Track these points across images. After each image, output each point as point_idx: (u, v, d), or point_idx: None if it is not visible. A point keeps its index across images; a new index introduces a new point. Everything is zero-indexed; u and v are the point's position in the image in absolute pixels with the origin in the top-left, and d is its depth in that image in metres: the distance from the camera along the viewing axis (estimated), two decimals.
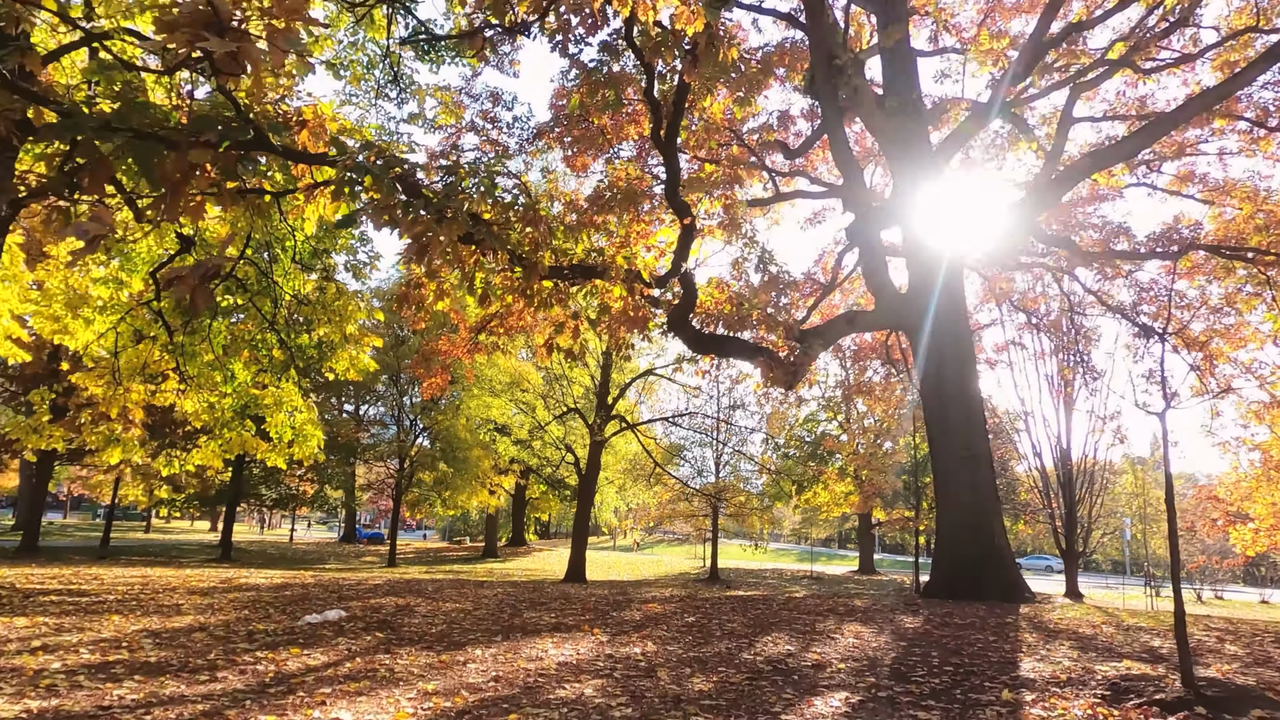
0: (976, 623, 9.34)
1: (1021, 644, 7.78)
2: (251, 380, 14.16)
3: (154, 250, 13.76)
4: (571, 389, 25.12)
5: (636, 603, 11.50)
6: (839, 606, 10.73)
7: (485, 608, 10.14)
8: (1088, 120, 14.68)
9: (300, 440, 14.17)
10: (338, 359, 14.82)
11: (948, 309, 14.11)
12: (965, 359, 13.96)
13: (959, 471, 13.51)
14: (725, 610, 10.21)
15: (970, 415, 13.69)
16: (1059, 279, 17.37)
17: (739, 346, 11.37)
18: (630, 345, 11.41)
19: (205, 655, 5.99)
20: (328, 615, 8.38)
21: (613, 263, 7.56)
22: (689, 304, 10.25)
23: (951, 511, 13.50)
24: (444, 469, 30.11)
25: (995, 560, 12.98)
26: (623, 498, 36.62)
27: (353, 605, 9.80)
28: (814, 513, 53.09)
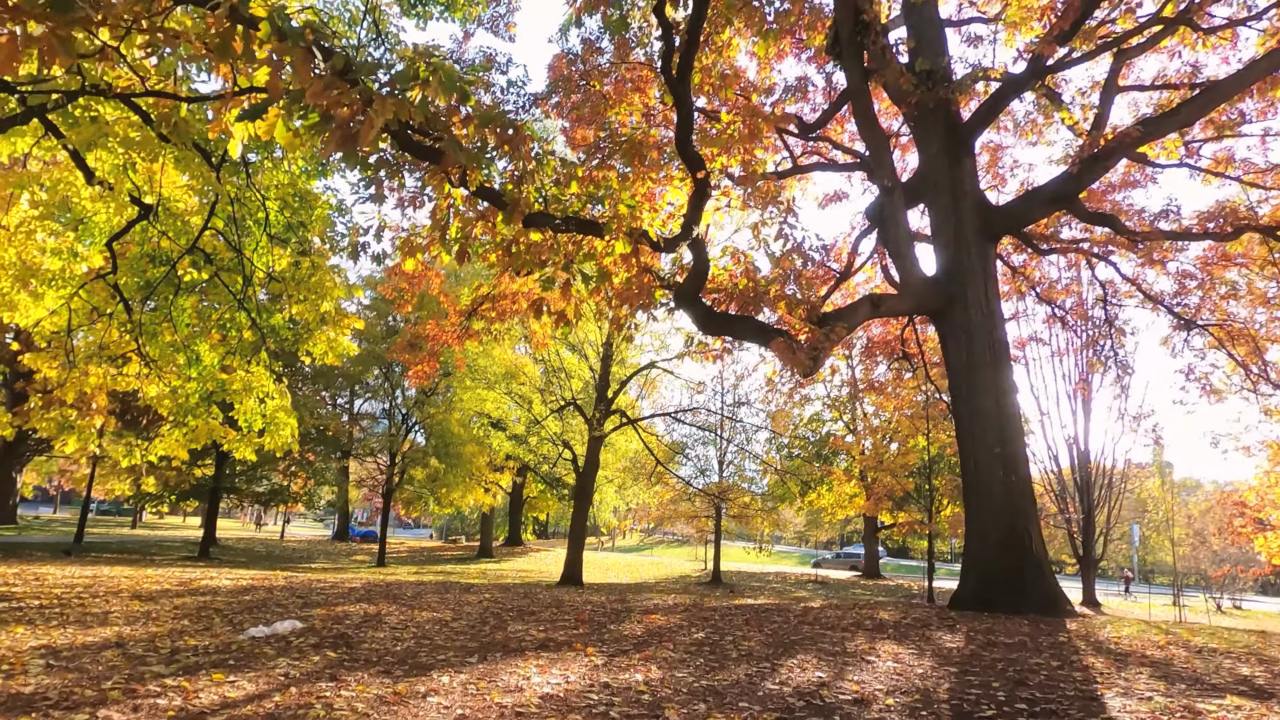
0: (1026, 642, 8.16)
1: (1092, 672, 6.59)
2: (219, 364, 12.98)
3: (113, 220, 12.61)
4: (570, 382, 23.93)
5: (637, 612, 10.31)
6: (865, 620, 9.53)
7: (466, 618, 8.95)
8: (1134, 89, 13.49)
9: (272, 429, 12.99)
10: (315, 341, 13.66)
11: (979, 292, 12.92)
12: (998, 347, 12.76)
13: (990, 470, 12.31)
14: (738, 623, 9.02)
15: (1003, 409, 12.49)
16: (1093, 265, 16.16)
17: (754, 328, 10.18)
18: (635, 325, 10.23)
19: (100, 683, 4.80)
20: (277, 628, 7.19)
21: (614, 213, 6.37)
22: (700, 276, 9.05)
23: (982, 515, 12.31)
24: (436, 465, 28.88)
25: (1032, 569, 11.78)
26: (622, 497, 35.45)
27: (314, 614, 8.61)
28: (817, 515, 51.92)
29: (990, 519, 12.16)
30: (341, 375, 32.12)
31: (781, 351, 9.70)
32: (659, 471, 27.57)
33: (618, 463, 31.19)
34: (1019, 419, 12.70)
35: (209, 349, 12.93)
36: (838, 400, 45.12)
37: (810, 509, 46.65)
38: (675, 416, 25.10)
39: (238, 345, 12.88)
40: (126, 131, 10.17)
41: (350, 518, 78.75)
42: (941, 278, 13.22)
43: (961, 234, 13.24)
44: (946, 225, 13.45)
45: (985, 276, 13.07)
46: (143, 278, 12.61)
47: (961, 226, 13.29)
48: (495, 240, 6.76)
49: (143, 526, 52.34)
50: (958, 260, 13.12)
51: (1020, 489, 12.25)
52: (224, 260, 12.71)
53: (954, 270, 13.12)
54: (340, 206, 12.73)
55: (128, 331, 12.66)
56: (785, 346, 9.64)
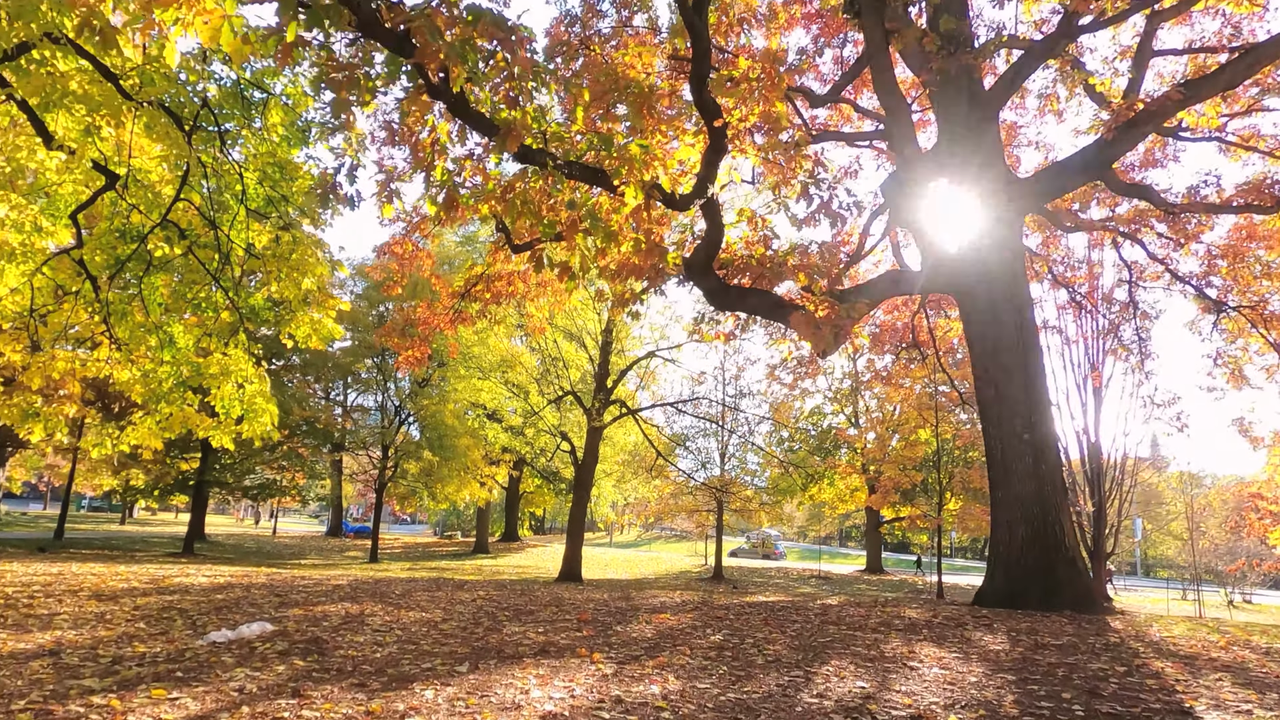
0: (1076, 644, 7.39)
1: (1166, 679, 5.81)
2: (194, 346, 12.14)
3: (80, 192, 11.77)
4: (568, 372, 23.09)
5: (644, 611, 9.51)
6: (893, 620, 8.75)
7: (458, 618, 8.14)
8: (1169, 53, 12.68)
9: (251, 416, 12.14)
10: (297, 324, 12.81)
11: (1005, 269, 12.13)
12: (1025, 326, 11.98)
13: (1018, 458, 11.54)
14: (756, 624, 8.23)
15: (1031, 392, 11.71)
16: (1118, 245, 15.36)
17: (770, 302, 9.38)
18: (641, 300, 9.42)
19: (11, 702, 3.98)
20: (243, 631, 6.38)
21: (624, 154, 5.53)
22: (713, 244, 8.24)
23: (1009, 506, 11.54)
24: (429, 458, 28.03)
25: (1065, 564, 11.02)
26: (621, 491, 34.68)
27: (290, 615, 7.80)
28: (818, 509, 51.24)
29: (1019, 510, 11.40)
30: (334, 366, 31.23)
31: (802, 327, 8.90)
32: (659, 464, 26.78)
33: (616, 456, 30.38)
34: (1048, 404, 11.92)
35: (183, 330, 12.08)
36: (839, 393, 44.41)
37: (811, 503, 46.00)
38: (676, 407, 24.29)
39: (214, 326, 12.03)
40: (86, 88, 9.32)
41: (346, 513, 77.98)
42: (964, 254, 12.43)
43: (988, 207, 12.44)
44: (969, 199, 12.66)
45: (1012, 253, 12.28)
46: (112, 254, 11.76)
47: (987, 200, 12.49)
48: (488, 187, 5.95)
49: (132, 523, 51.45)
50: (982, 236, 12.33)
51: (1051, 478, 11.48)
52: (199, 235, 11.87)
53: (978, 246, 12.33)
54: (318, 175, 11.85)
55: (96, 312, 11.81)
56: (806, 321, 8.84)
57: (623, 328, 24.15)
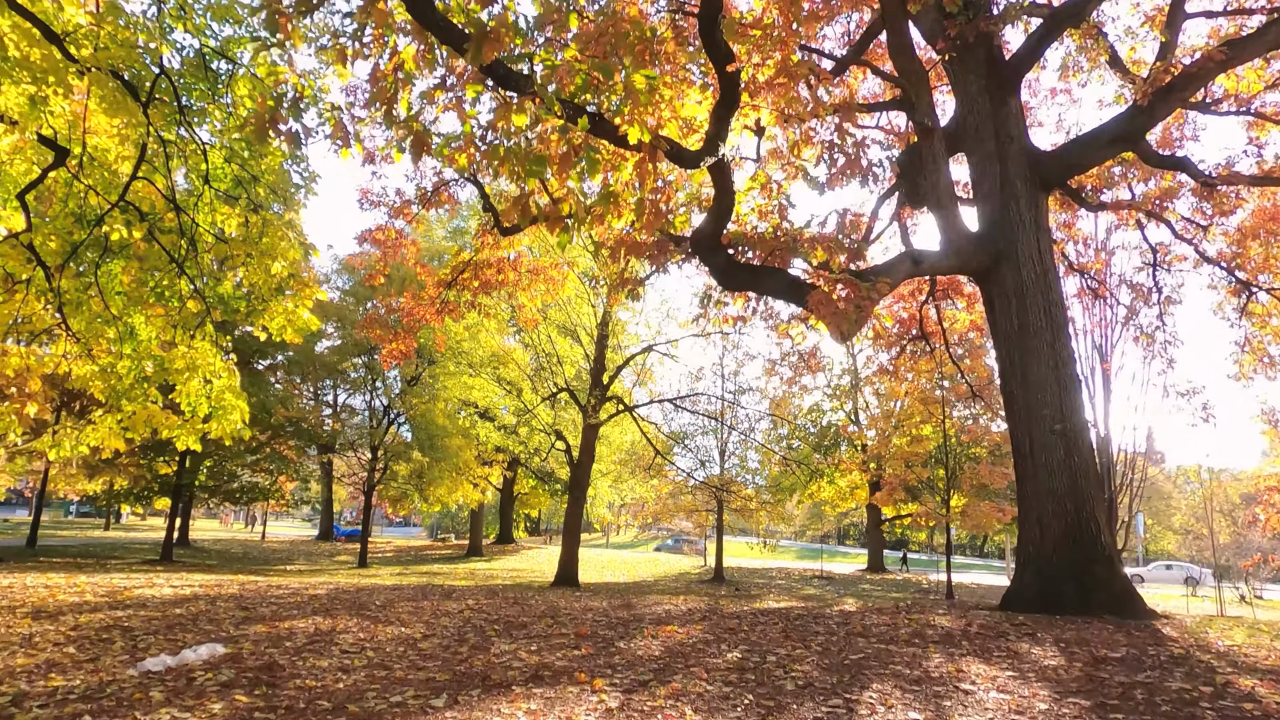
0: (1139, 657, 6.55)
1: (1267, 704, 4.97)
2: (156, 338, 11.22)
3: (32, 171, 10.85)
4: (563, 368, 22.19)
5: (647, 621, 8.65)
6: (925, 629, 7.89)
7: (440, 635, 7.26)
8: (1202, 15, 11.86)
9: (219, 414, 11.24)
10: (270, 314, 11.91)
11: (1030, 248, 11.32)
12: (1054, 309, 11.17)
13: (1049, 451, 10.73)
14: (774, 636, 7.37)
15: (1062, 380, 10.90)
16: (1143, 225, 14.55)
17: (786, 282, 8.52)
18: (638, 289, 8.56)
19: None
20: (187, 656, 5.48)
21: (628, 86, 4.64)
22: (724, 212, 7.37)
23: (1039, 501, 10.71)
24: (419, 459, 27.07)
25: (1101, 562, 10.20)
26: (617, 491, 33.81)
27: (250, 634, 6.90)
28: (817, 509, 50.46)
29: (1050, 506, 10.58)
30: (320, 365, 30.23)
31: (821, 308, 8.04)
32: (657, 463, 25.91)
33: (613, 456, 29.48)
34: (1080, 391, 11.10)
35: (145, 322, 11.16)
36: (838, 389, 43.62)
37: (811, 501, 45.19)
38: (675, 403, 23.42)
39: (179, 317, 11.12)
40: (26, 50, 8.42)
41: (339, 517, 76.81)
42: (987, 233, 11.60)
43: (1009, 183, 11.62)
44: (990, 174, 11.84)
45: (1037, 229, 11.46)
46: (67, 239, 10.83)
47: (1008, 175, 11.68)
48: (464, 130, 5.07)
49: (118, 528, 50.31)
50: (1005, 213, 11.51)
51: (1084, 471, 10.67)
52: (162, 219, 10.96)
53: (1001, 224, 11.51)
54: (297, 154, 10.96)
55: (50, 303, 10.88)
56: (825, 301, 7.98)
57: (619, 324, 23.26)
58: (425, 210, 13.99)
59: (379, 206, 14.19)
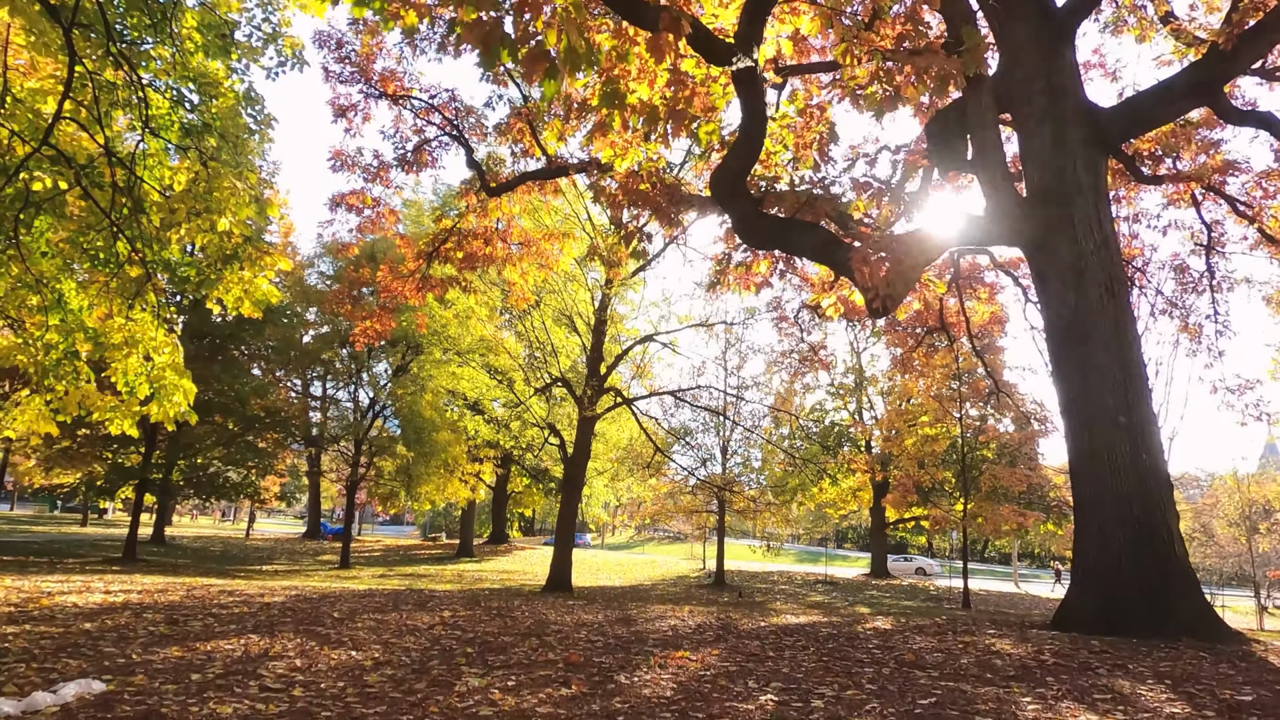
0: (1274, 698, 5.18)
1: None
2: (89, 307, 9.80)
3: None
4: (558, 359, 20.75)
5: (651, 642, 7.26)
6: (990, 659, 6.50)
7: (397, 662, 5.85)
8: None
9: (161, 395, 9.81)
10: (225, 285, 10.47)
11: (1089, 215, 9.93)
12: (1116, 285, 9.80)
13: (1113, 448, 9.33)
14: (808, 665, 5.98)
15: (1128, 366, 9.51)
16: (1199, 201, 13.17)
17: (821, 238, 7.12)
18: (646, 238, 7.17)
19: None
20: (38, 701, 4.09)
21: None
22: (752, 144, 5.97)
23: (1102, 505, 9.32)
24: (404, 453, 25.62)
25: (1178, 576, 8.81)
26: (614, 490, 32.40)
27: (155, 660, 5.50)
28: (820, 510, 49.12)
29: (1114, 512, 9.18)
30: (303, 354, 28.72)
31: (863, 270, 6.64)
32: (656, 461, 24.48)
33: (610, 453, 28.07)
34: (1146, 379, 9.71)
35: (77, 289, 9.74)
36: (842, 388, 42.26)
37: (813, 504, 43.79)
38: (676, 396, 22.01)
39: (116, 284, 9.72)
40: None
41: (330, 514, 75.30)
42: (1039, 199, 10.21)
43: (1063, 143, 10.24)
44: (1042, 133, 10.44)
45: (1097, 195, 10.07)
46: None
47: (1063, 134, 10.29)
48: None
49: (100, 524, 48.73)
50: (1059, 176, 10.12)
51: (1154, 471, 9.27)
52: (97, 171, 9.54)
53: (1054, 189, 10.12)
54: (250, 94, 9.55)
55: None
56: (868, 261, 6.58)
57: (617, 314, 21.86)
58: (407, 173, 12.61)
59: (354, 170, 12.80)
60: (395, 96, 11.51)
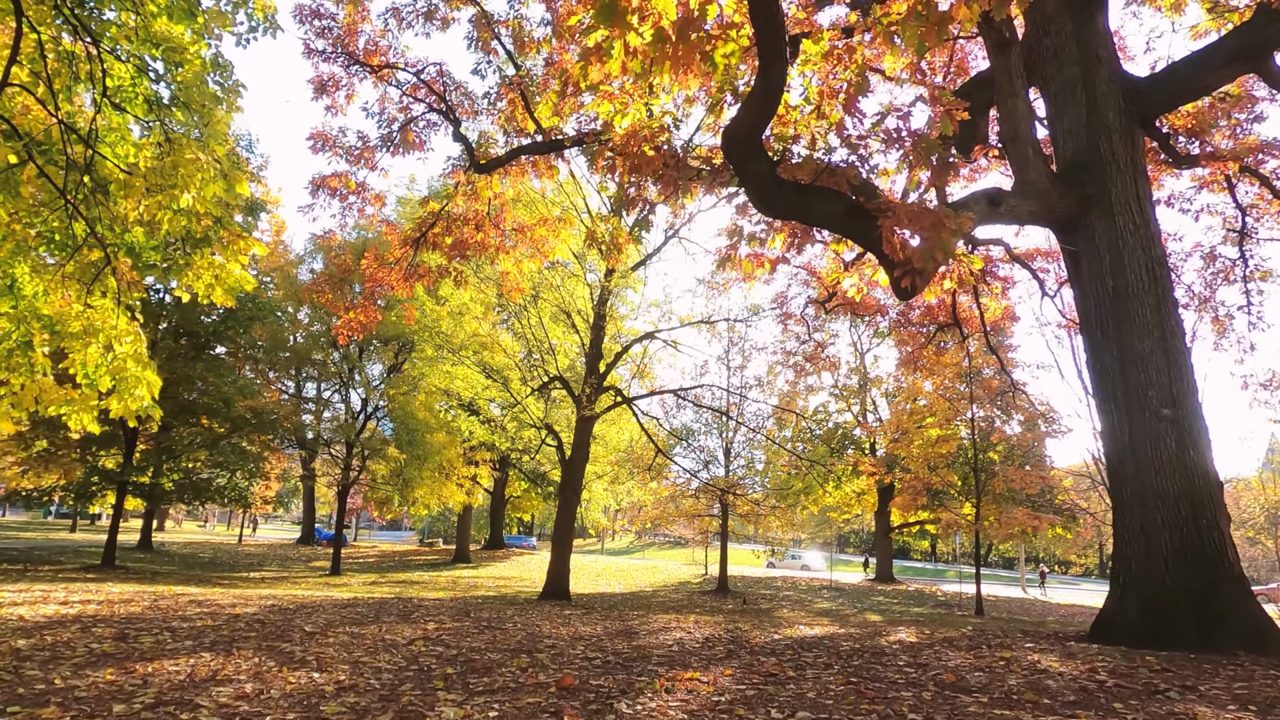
0: None
1: None
2: (43, 294, 9.05)
3: None
4: (555, 357, 19.98)
5: (655, 659, 6.49)
6: (1041, 681, 5.73)
7: (364, 688, 5.08)
8: None
9: (122, 388, 9.05)
10: (195, 271, 9.72)
11: (1126, 193, 9.21)
12: (1157, 268, 9.06)
13: (1157, 443, 8.58)
14: (836, 688, 5.21)
15: (1171, 354, 8.77)
16: (1233, 185, 12.42)
17: (844, 207, 6.36)
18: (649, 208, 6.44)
19: None
20: None
21: None
22: (770, 94, 5.23)
23: (1145, 508, 8.57)
24: (396, 455, 24.81)
25: (1230, 583, 8.05)
26: (613, 494, 31.62)
27: (78, 687, 4.74)
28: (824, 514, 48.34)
29: (1159, 513, 8.42)
30: (293, 354, 27.93)
31: (893, 242, 5.90)
32: (658, 463, 23.70)
33: (609, 456, 27.30)
34: (1192, 369, 8.96)
35: (30, 274, 8.99)
36: (846, 390, 41.52)
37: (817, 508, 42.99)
38: (678, 394, 21.23)
39: (72, 267, 8.97)
40: None
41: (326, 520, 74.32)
42: (1072, 175, 9.48)
43: (1097, 115, 9.51)
44: (1075, 105, 9.72)
45: (1134, 171, 9.34)
46: None
47: (1097, 106, 9.56)
48: None
49: (91, 530, 47.87)
50: (1094, 151, 9.40)
51: (1202, 469, 8.51)
52: (55, 146, 8.80)
53: (1088, 164, 9.39)
54: (218, 60, 8.80)
55: None
56: (898, 230, 5.83)
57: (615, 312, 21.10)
58: (393, 155, 11.87)
59: (336, 152, 12.05)
60: (380, 67, 10.79)
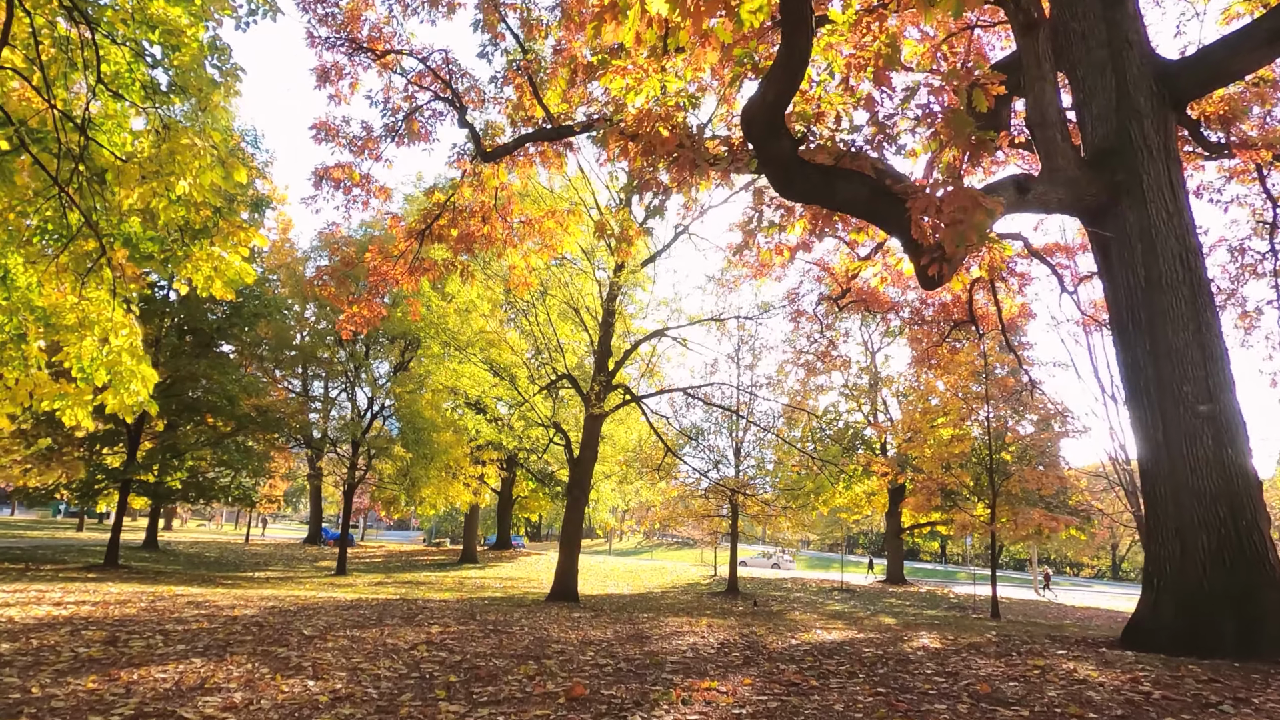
0: None
1: None
2: (38, 285, 8.79)
3: None
4: (563, 355, 19.67)
5: (669, 665, 6.17)
6: (1081, 691, 5.38)
7: (360, 697, 4.78)
8: None
9: (117, 382, 8.78)
10: (194, 263, 9.45)
11: (1159, 180, 8.82)
12: (1192, 258, 8.67)
13: (1193, 440, 8.18)
14: (864, 701, 4.88)
15: (1208, 347, 8.38)
16: (1264, 174, 12.00)
17: (869, 190, 6.03)
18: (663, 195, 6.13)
19: None
20: None
21: None
22: (794, 66, 4.91)
23: (1180, 508, 8.17)
24: (401, 454, 24.54)
25: (1273, 590, 7.64)
26: (621, 494, 31.29)
27: (54, 696, 4.45)
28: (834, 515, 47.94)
29: (1195, 513, 8.02)
30: (296, 351, 27.70)
31: (922, 225, 5.56)
32: (667, 463, 23.35)
33: (618, 456, 26.99)
34: (1229, 363, 8.57)
35: (23, 264, 8.73)
36: (856, 389, 41.12)
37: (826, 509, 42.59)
38: (688, 393, 20.88)
39: (66, 257, 8.72)
40: None
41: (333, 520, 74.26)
42: (1102, 161, 9.11)
43: (1128, 99, 9.13)
44: (1104, 89, 9.34)
45: (1167, 157, 8.95)
46: None
47: (1127, 89, 9.19)
48: None
49: (99, 529, 47.82)
50: (1124, 136, 9.01)
51: (1240, 467, 8.11)
52: (45, 131, 8.56)
53: (1119, 150, 9.01)
54: (215, 43, 8.53)
55: None
56: (928, 212, 5.50)
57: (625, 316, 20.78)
58: (398, 146, 11.59)
59: (340, 142, 11.78)
60: (385, 53, 10.51)
